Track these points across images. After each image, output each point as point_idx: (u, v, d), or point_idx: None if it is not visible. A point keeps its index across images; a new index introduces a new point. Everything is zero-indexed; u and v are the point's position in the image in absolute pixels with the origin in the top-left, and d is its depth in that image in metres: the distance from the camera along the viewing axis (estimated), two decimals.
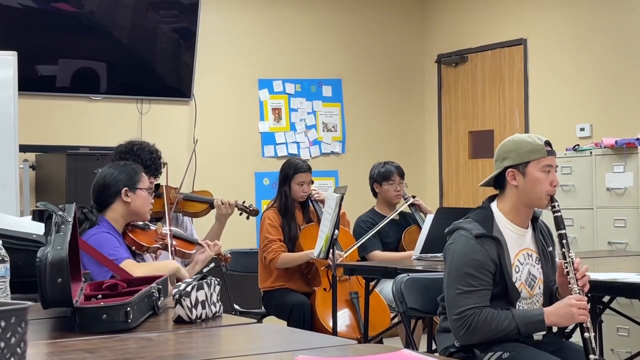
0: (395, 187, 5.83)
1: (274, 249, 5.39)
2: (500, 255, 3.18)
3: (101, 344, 2.12)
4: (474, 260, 3.16)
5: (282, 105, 7.69)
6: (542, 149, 3.28)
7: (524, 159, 3.27)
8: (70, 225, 2.40)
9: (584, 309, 3.11)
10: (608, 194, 5.98)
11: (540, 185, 3.25)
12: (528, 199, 3.27)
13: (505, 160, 3.30)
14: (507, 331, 3.14)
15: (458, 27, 8.07)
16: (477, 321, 3.12)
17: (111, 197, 3.73)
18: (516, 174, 3.27)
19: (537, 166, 3.26)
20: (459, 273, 3.18)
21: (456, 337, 3.21)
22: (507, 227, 3.29)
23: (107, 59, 6.86)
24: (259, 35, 7.62)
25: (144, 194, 3.78)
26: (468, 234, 3.20)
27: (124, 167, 3.81)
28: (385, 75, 8.20)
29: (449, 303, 3.22)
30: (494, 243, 3.19)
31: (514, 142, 3.32)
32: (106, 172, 3.78)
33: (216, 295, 2.55)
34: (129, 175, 3.77)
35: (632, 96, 6.62)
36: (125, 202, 3.73)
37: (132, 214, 3.77)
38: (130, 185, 3.74)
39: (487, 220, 3.26)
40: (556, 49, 7.20)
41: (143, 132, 6.68)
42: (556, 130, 7.04)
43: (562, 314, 3.14)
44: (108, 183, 3.74)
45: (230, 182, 7.17)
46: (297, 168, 5.55)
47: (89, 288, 2.61)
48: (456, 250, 3.22)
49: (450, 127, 8.20)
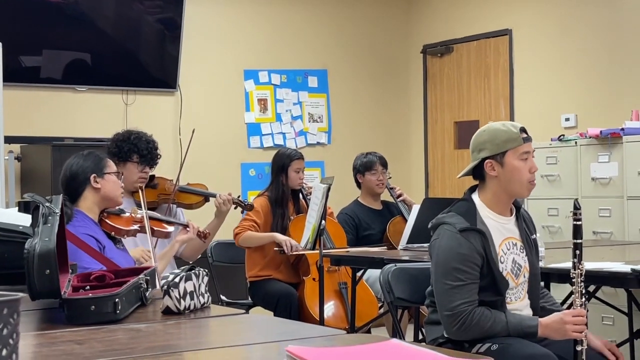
0: (378, 176, 5.85)
1: (243, 225, 5.43)
2: (485, 248, 3.19)
3: (90, 335, 2.11)
4: (460, 255, 3.16)
5: (268, 96, 7.69)
6: (517, 137, 3.26)
7: (500, 148, 3.25)
8: (57, 216, 2.39)
9: (580, 325, 3.10)
10: (593, 184, 6.01)
11: (519, 173, 3.25)
12: (509, 189, 3.27)
13: (482, 152, 3.28)
14: (499, 334, 3.16)
15: (443, 18, 8.08)
16: (470, 320, 3.13)
17: (81, 186, 3.75)
18: (494, 164, 3.26)
19: (514, 155, 3.25)
20: (446, 268, 3.18)
21: (448, 333, 3.21)
22: (490, 217, 3.29)
23: (92, 50, 6.83)
24: (244, 26, 7.60)
25: (113, 177, 3.81)
26: (452, 228, 3.20)
27: (88, 155, 3.84)
28: (370, 65, 8.20)
29: (439, 299, 3.22)
30: (479, 236, 3.19)
31: (489, 133, 3.30)
32: (72, 162, 3.81)
33: (204, 286, 2.55)
34: (95, 162, 3.79)
35: (616, 86, 6.64)
36: (96, 189, 3.75)
37: (104, 199, 3.79)
38: (98, 171, 3.76)
39: (470, 212, 3.26)
40: (541, 40, 7.22)
41: (128, 123, 6.66)
42: (541, 120, 7.07)
43: (555, 329, 3.14)
44: (75, 172, 3.76)
45: (216, 173, 7.16)
46: (292, 156, 5.60)
47: (77, 279, 2.60)
48: (441, 245, 3.22)
49: (436, 117, 8.22)
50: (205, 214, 5.05)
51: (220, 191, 5.00)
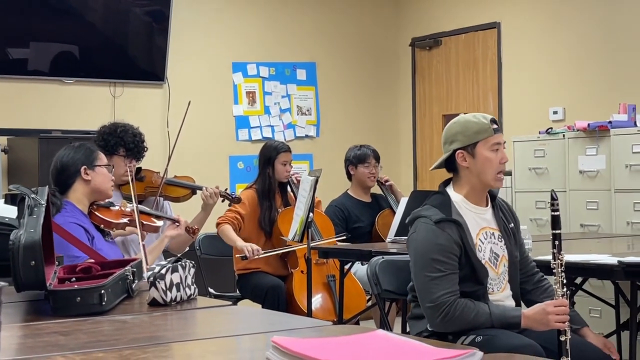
0: (371, 169, 5.85)
1: (227, 215, 5.43)
2: (462, 238, 3.20)
3: (75, 327, 2.11)
4: (438, 245, 3.17)
5: (257, 89, 7.67)
6: (488, 128, 3.28)
7: (471, 139, 3.27)
8: (43, 208, 2.39)
9: (563, 315, 3.11)
10: (580, 177, 6.02)
11: (490, 164, 3.27)
12: (480, 180, 3.29)
13: (454, 143, 3.30)
14: (482, 326, 3.16)
15: (432, 11, 8.08)
16: (453, 311, 3.13)
17: (71, 178, 3.73)
18: (466, 155, 3.28)
19: (485, 146, 3.27)
20: (425, 260, 3.19)
21: (431, 325, 3.22)
22: (466, 207, 3.30)
23: (80, 42, 6.81)
24: (232, 19, 7.58)
25: (104, 170, 3.79)
26: (428, 220, 3.21)
27: (79, 147, 3.82)
28: (359, 58, 8.19)
29: (420, 292, 3.22)
30: (455, 226, 3.20)
31: (460, 124, 3.32)
32: (62, 154, 3.79)
33: (191, 277, 2.55)
34: (86, 154, 3.78)
35: (604, 80, 6.66)
36: (86, 181, 3.74)
37: (94, 192, 3.77)
38: (88, 164, 3.75)
39: (445, 204, 3.27)
40: (529, 33, 7.23)
41: (116, 116, 6.63)
42: (529, 113, 7.08)
43: (538, 320, 3.15)
44: (66, 164, 3.75)
45: (204, 166, 7.15)
46: (279, 148, 5.60)
47: (63, 271, 2.59)
48: (419, 238, 3.23)
49: (424, 110, 8.22)
50: (193, 207, 5.04)
51: (208, 184, 4.99)
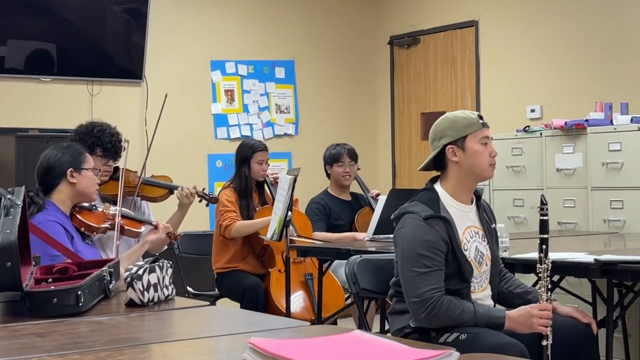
0: (345, 168, 5.85)
1: (230, 216, 5.41)
2: (450, 234, 3.22)
3: (52, 328, 2.10)
4: (426, 242, 3.18)
5: (235, 87, 7.66)
6: (477, 122, 3.33)
7: (461, 133, 3.31)
8: (19, 208, 2.37)
9: (546, 319, 3.14)
10: (558, 175, 6.05)
11: (481, 156, 3.30)
12: (472, 173, 3.31)
13: (443, 139, 3.34)
14: (466, 324, 3.18)
15: (410, 9, 8.10)
16: (439, 307, 3.14)
17: (56, 179, 3.69)
18: (456, 149, 3.31)
19: (475, 139, 3.31)
20: (412, 255, 3.19)
21: (416, 320, 3.22)
22: (452, 205, 3.32)
23: (57, 40, 6.77)
24: (211, 17, 7.57)
25: (90, 174, 3.76)
26: (416, 216, 3.22)
27: (67, 148, 3.78)
28: (338, 56, 8.20)
29: (406, 287, 3.22)
30: (443, 223, 3.22)
31: (448, 120, 3.38)
32: (50, 154, 3.74)
33: (168, 278, 2.54)
34: (73, 156, 3.73)
35: (581, 78, 6.70)
36: (71, 183, 3.70)
37: (78, 194, 3.74)
38: (75, 166, 3.71)
39: (433, 201, 3.29)
40: (507, 31, 7.26)
41: (94, 114, 6.60)
42: (507, 111, 7.11)
43: (522, 322, 3.18)
44: (52, 165, 3.70)
45: (183, 164, 7.13)
46: (255, 147, 5.59)
47: (40, 272, 2.58)
48: (406, 234, 3.24)
49: (403, 108, 8.24)
50: (170, 206, 4.99)
51: (187, 182, 4.97)
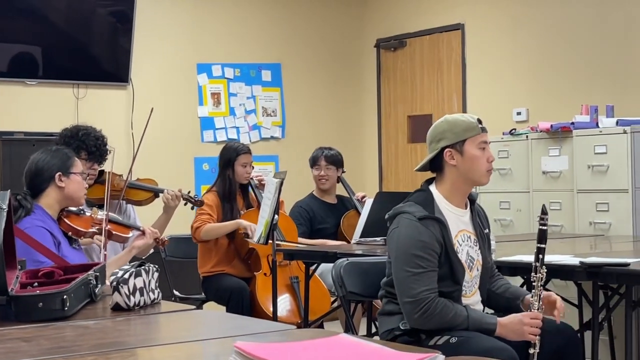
0: (320, 172, 5.85)
1: (202, 219, 5.38)
2: (444, 236, 3.22)
3: (37, 333, 2.09)
4: (420, 242, 3.18)
5: (221, 90, 7.65)
6: (476, 126, 3.32)
7: (460, 137, 3.30)
8: (4, 212, 2.36)
9: (536, 328, 3.14)
10: (544, 178, 6.07)
11: (478, 162, 3.29)
12: (468, 177, 3.31)
13: (442, 141, 3.33)
14: (458, 327, 3.18)
15: (396, 12, 8.11)
16: (433, 308, 3.14)
17: (44, 183, 3.67)
18: (454, 153, 3.30)
19: (473, 143, 3.30)
20: (406, 255, 3.19)
21: (408, 321, 3.21)
22: (447, 208, 3.32)
23: (43, 43, 6.74)
24: (197, 19, 7.56)
25: (78, 178, 3.74)
26: (411, 217, 3.22)
27: (56, 152, 3.76)
28: (324, 59, 8.20)
29: (399, 287, 3.22)
30: (438, 224, 3.22)
31: (448, 122, 3.36)
32: (38, 158, 3.72)
33: (154, 282, 2.54)
34: (62, 160, 3.71)
35: (567, 81, 6.72)
36: (60, 187, 3.68)
37: (66, 199, 3.72)
38: (64, 170, 3.69)
39: (428, 202, 3.28)
40: (493, 34, 7.28)
41: (80, 118, 6.58)
42: (493, 114, 7.12)
43: (513, 329, 3.18)
44: (41, 168, 3.68)
45: (169, 168, 7.12)
46: (238, 150, 5.57)
47: (25, 276, 2.57)
48: (401, 234, 3.23)
49: (389, 111, 8.25)
50: (155, 210, 4.98)
51: (173, 185, 4.96)
